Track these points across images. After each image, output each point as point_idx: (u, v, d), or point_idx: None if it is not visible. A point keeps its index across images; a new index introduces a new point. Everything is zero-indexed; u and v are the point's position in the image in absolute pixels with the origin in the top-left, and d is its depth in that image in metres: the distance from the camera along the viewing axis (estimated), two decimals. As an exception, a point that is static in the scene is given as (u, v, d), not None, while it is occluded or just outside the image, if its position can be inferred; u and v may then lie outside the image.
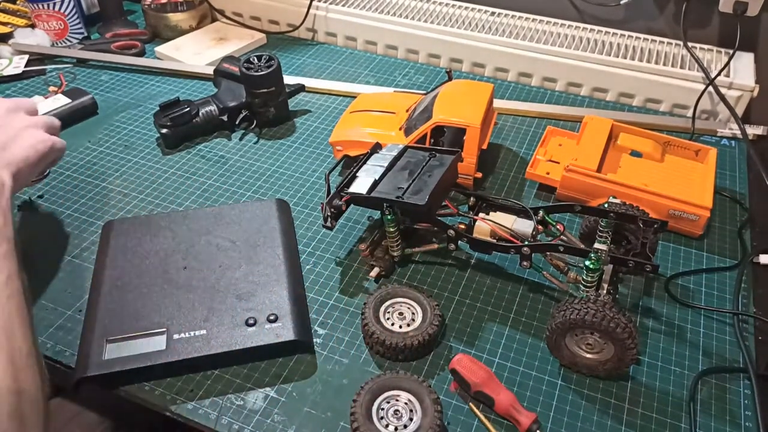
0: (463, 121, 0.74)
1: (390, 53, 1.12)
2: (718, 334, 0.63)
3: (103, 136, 0.91)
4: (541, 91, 1.02)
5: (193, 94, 1.01)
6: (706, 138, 0.91)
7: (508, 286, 0.68)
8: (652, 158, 0.80)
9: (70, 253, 0.71)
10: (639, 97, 0.97)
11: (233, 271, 0.65)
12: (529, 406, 0.56)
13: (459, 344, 0.62)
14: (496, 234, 0.63)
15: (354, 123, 0.82)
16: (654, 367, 0.60)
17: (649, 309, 0.65)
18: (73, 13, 1.11)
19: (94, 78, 1.05)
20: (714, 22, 0.98)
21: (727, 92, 0.91)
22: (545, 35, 1.02)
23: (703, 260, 0.71)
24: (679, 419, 0.55)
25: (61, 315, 0.64)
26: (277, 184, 0.82)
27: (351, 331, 0.63)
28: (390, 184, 0.65)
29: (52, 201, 0.79)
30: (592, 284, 0.58)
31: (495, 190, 0.82)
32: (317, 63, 1.09)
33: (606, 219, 0.62)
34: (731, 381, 0.59)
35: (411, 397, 0.53)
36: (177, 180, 0.83)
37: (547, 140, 0.85)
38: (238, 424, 0.54)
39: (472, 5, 1.11)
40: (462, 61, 1.07)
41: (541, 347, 0.61)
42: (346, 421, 0.54)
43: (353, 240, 0.73)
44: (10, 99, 0.63)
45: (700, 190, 0.74)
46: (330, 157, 0.87)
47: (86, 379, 0.55)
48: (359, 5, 1.13)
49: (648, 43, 1.00)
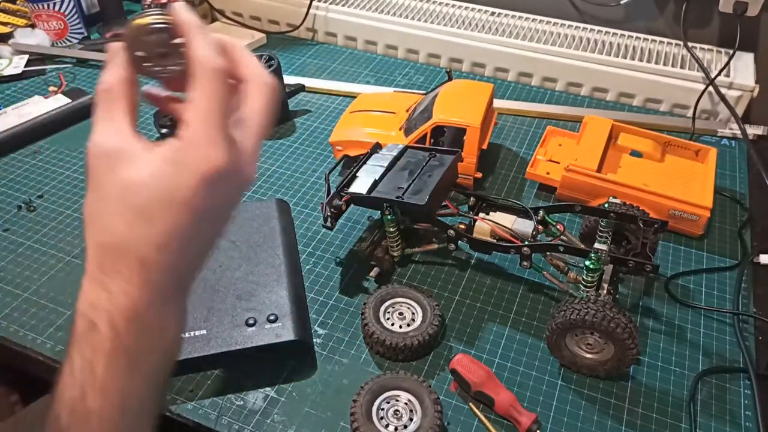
0: (463, 121, 0.74)
1: (390, 53, 1.12)
2: (718, 334, 0.63)
3: (103, 136, 0.91)
4: (541, 91, 1.02)
5: (193, 94, 1.01)
6: (706, 138, 0.91)
7: (508, 286, 0.68)
8: (652, 158, 0.80)
9: (70, 253, 0.71)
10: (639, 97, 0.97)
11: (233, 271, 0.65)
12: (529, 406, 0.56)
13: (459, 344, 0.62)
14: (496, 234, 0.63)
15: (354, 123, 0.82)
16: (654, 367, 0.60)
17: (649, 309, 0.65)
18: (73, 13, 1.11)
19: (94, 78, 1.05)
20: (714, 22, 0.98)
21: (727, 92, 0.91)
22: (545, 35, 1.02)
23: (703, 260, 0.71)
24: (679, 419, 0.55)
25: (61, 315, 0.64)
26: (277, 184, 0.82)
27: (351, 331, 0.63)
28: (390, 184, 0.65)
29: (52, 201, 0.79)
30: (592, 284, 0.58)
31: (495, 190, 0.81)
32: (317, 63, 1.09)
33: (606, 219, 0.62)
34: (731, 381, 0.59)
35: (411, 397, 0.53)
36: (177, 180, 0.82)
37: (547, 140, 0.85)
38: (238, 424, 0.54)
39: (472, 5, 1.11)
40: (462, 61, 1.07)
41: (541, 347, 0.61)
42: (346, 421, 0.54)
43: (353, 240, 0.73)
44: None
45: (700, 190, 0.74)
46: (330, 157, 0.87)
47: (86, 379, 0.55)
48: (359, 5, 1.12)
49: (648, 43, 1.00)
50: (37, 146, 0.88)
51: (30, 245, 0.72)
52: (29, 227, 0.75)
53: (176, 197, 0.32)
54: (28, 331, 0.62)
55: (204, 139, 0.32)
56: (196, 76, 0.33)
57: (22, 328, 0.63)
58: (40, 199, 0.79)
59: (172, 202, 0.32)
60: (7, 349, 0.62)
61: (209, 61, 0.33)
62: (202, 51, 0.33)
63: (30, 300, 0.66)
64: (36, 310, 0.65)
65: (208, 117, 0.32)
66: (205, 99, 0.33)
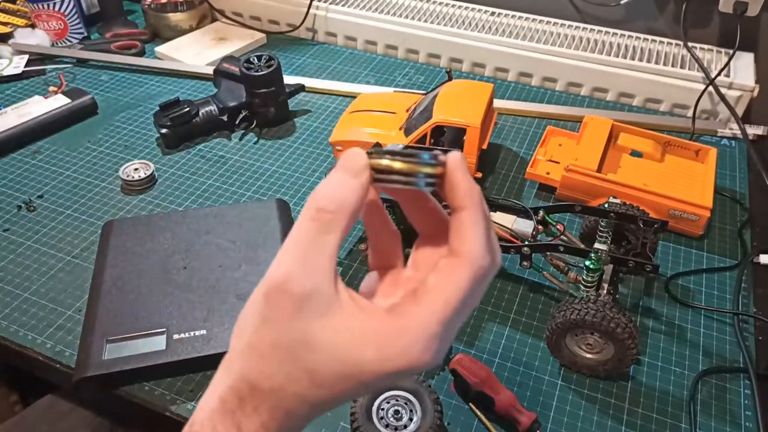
0: (463, 121, 0.74)
1: (390, 53, 1.12)
2: (718, 334, 0.63)
3: (103, 136, 0.91)
4: (541, 91, 1.02)
5: (193, 94, 1.01)
6: (706, 138, 0.91)
7: (508, 286, 0.68)
8: (653, 158, 0.80)
9: (70, 253, 0.71)
10: (639, 97, 0.97)
11: (233, 271, 0.65)
12: (529, 406, 0.56)
13: (459, 344, 0.62)
14: (496, 234, 0.63)
15: (354, 123, 0.82)
16: (654, 367, 0.60)
17: (649, 309, 0.65)
18: (73, 13, 1.11)
19: (94, 78, 1.05)
20: (714, 22, 0.98)
21: (727, 92, 0.91)
22: (545, 35, 1.02)
23: (703, 260, 0.71)
24: (679, 419, 0.55)
25: (61, 315, 0.64)
26: (277, 184, 0.82)
27: (351, 331, 0.63)
28: (390, 184, 0.65)
29: (52, 201, 0.79)
30: (592, 284, 0.58)
31: (495, 190, 0.81)
32: (317, 63, 1.09)
33: (606, 219, 0.62)
34: (731, 381, 0.59)
35: (411, 397, 0.53)
36: (177, 180, 0.83)
37: (547, 140, 0.85)
38: (238, 424, 0.54)
39: (472, 5, 1.11)
40: (462, 61, 1.07)
41: (541, 347, 0.61)
42: (346, 421, 0.54)
43: (353, 240, 0.73)
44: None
45: (701, 190, 0.74)
46: (330, 157, 0.87)
47: (86, 379, 0.55)
48: (359, 5, 1.12)
49: (648, 43, 1.00)
50: (37, 146, 0.88)
51: (30, 245, 0.72)
52: (29, 227, 0.75)
53: (358, 379, 0.27)
54: (28, 331, 0.62)
55: (424, 334, 0.26)
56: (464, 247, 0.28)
57: (22, 328, 0.63)
58: (40, 199, 0.79)
59: (350, 378, 0.27)
60: (7, 349, 0.62)
61: (479, 252, 0.27)
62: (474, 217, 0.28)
63: (30, 300, 0.66)
64: (36, 310, 0.65)
65: (443, 311, 0.27)
66: (452, 288, 0.27)
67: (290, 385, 0.27)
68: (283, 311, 0.27)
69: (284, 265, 0.27)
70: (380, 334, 0.27)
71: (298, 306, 0.27)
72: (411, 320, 0.27)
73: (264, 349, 0.27)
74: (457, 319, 0.27)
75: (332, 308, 0.27)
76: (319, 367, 0.27)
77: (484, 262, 0.28)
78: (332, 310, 0.27)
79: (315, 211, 0.27)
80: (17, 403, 0.82)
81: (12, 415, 0.71)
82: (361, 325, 0.27)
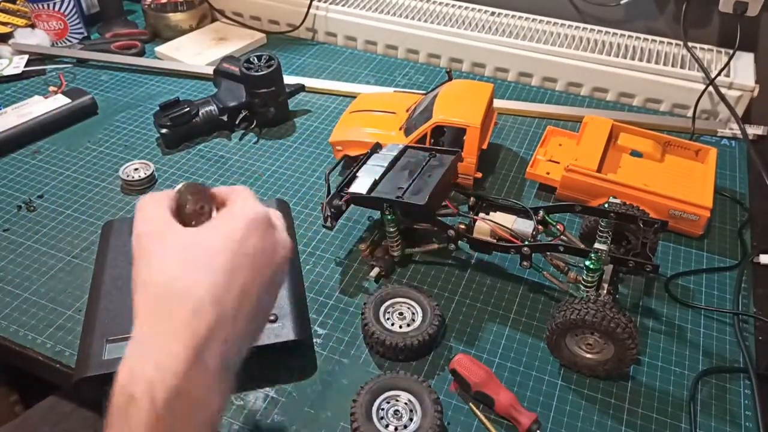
0: (463, 121, 0.74)
1: (390, 53, 1.12)
2: (718, 334, 0.63)
3: (103, 136, 0.91)
4: (541, 91, 1.02)
5: (193, 94, 1.01)
6: (706, 138, 0.91)
7: (508, 286, 0.68)
8: (652, 158, 0.80)
9: (70, 253, 0.71)
10: (639, 97, 0.97)
11: (233, 271, 0.65)
12: (529, 406, 0.56)
13: (459, 344, 0.62)
14: (496, 234, 0.63)
15: (354, 123, 0.82)
16: (654, 367, 0.60)
17: (649, 309, 0.65)
18: (73, 13, 1.11)
19: (94, 78, 1.05)
20: (714, 22, 0.98)
21: (727, 92, 0.91)
22: (545, 35, 1.02)
23: (703, 260, 0.71)
24: (679, 419, 0.55)
25: (61, 315, 0.64)
26: (277, 184, 0.82)
27: (351, 331, 0.63)
28: (390, 184, 0.65)
29: (52, 201, 0.79)
30: (592, 284, 0.58)
31: (495, 190, 0.81)
32: (317, 63, 1.09)
33: (606, 219, 0.62)
34: (731, 381, 0.59)
35: (411, 397, 0.53)
36: (177, 180, 0.83)
37: (547, 140, 0.85)
38: (238, 424, 0.54)
39: (472, 5, 1.11)
40: (462, 61, 1.07)
41: (541, 347, 0.61)
42: (346, 421, 0.54)
43: (353, 240, 0.73)
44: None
45: (701, 190, 0.74)
46: (330, 157, 0.87)
47: (86, 379, 0.55)
48: (359, 5, 1.12)
49: (648, 43, 1.00)
50: (37, 146, 0.88)
51: (30, 245, 0.72)
52: (29, 227, 0.75)
53: (232, 239, 0.36)
54: (28, 331, 0.62)
55: (249, 200, 0.39)
56: (234, 190, 0.40)
57: (22, 328, 0.63)
58: (40, 199, 0.79)
59: (226, 247, 0.35)
60: (7, 349, 0.62)
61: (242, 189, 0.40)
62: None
63: (30, 300, 0.66)
64: (36, 310, 0.65)
65: (247, 194, 0.39)
66: (243, 191, 0.40)
67: (187, 275, 0.34)
68: (151, 243, 0.37)
69: (137, 226, 0.39)
70: (226, 213, 0.38)
71: (161, 235, 0.37)
72: (234, 204, 0.39)
73: (150, 262, 0.37)
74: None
75: (183, 229, 0.37)
76: (203, 251, 0.35)
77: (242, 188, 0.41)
78: (183, 229, 0.37)
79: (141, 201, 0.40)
80: (17, 403, 0.82)
81: (12, 414, 0.71)
82: (211, 223, 0.39)
